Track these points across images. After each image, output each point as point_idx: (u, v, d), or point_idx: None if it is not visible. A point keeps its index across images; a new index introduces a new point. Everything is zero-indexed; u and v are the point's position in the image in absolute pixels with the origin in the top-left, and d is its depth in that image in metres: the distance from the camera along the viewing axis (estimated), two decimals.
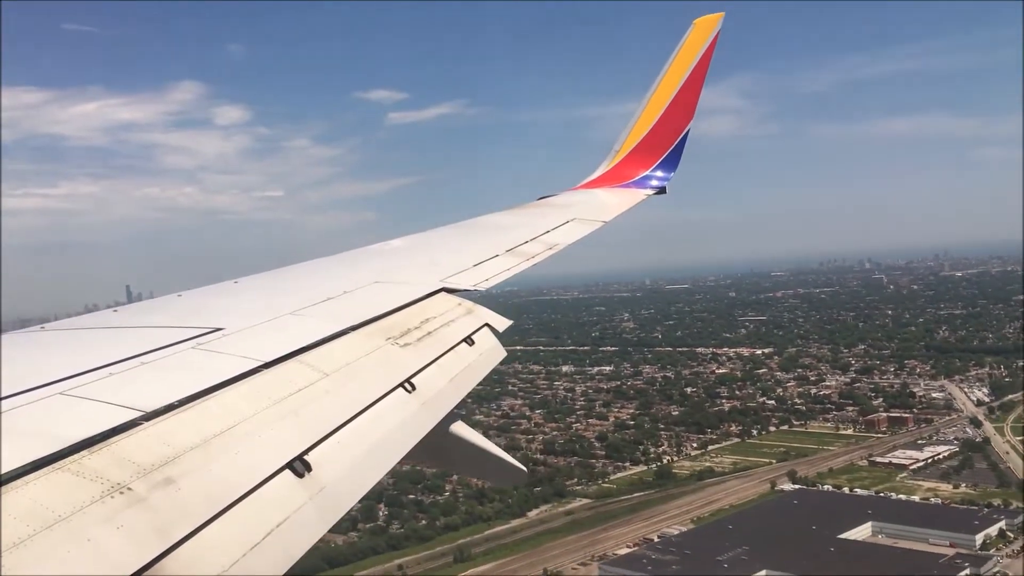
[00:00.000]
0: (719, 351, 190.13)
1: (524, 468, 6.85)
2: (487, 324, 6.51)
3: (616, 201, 12.56)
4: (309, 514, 3.58)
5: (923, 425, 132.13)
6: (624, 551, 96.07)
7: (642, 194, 13.09)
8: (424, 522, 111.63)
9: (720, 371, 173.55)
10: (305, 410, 4.22)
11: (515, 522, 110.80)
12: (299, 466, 3.75)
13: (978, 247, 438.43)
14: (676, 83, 13.11)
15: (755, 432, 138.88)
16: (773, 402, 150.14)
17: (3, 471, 2.96)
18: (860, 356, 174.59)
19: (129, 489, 3.10)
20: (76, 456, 3.17)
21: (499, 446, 6.98)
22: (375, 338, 5.44)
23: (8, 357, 4.38)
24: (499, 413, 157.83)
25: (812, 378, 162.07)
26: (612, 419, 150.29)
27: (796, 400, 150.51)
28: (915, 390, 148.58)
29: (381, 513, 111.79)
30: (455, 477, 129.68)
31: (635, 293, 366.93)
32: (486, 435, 6.75)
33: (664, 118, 13.28)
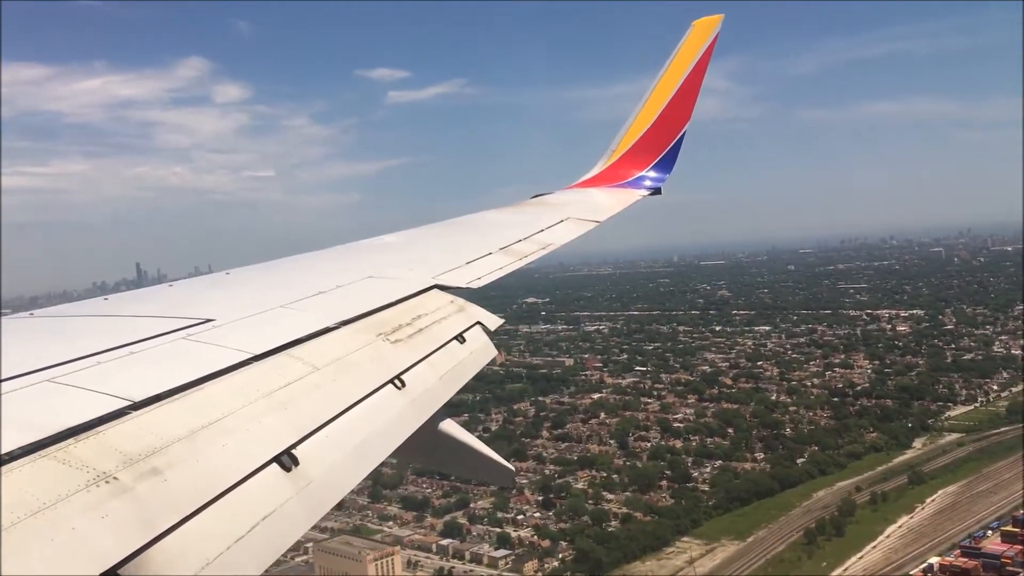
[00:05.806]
0: (870, 313, 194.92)
1: (512, 467, 6.81)
2: (479, 322, 6.45)
3: (611, 201, 12.49)
4: (295, 508, 3.56)
5: None
6: None
7: (637, 195, 13.00)
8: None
9: (899, 328, 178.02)
10: (294, 404, 4.20)
11: (909, 453, 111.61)
12: (287, 460, 3.73)
13: (991, 227, 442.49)
14: (674, 84, 13.01)
15: None
16: (1020, 352, 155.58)
17: None
18: None
19: (115, 479, 3.07)
20: (62, 444, 3.15)
21: (777, 392, 6.12)
22: (366, 333, 5.41)
23: None
24: (725, 364, 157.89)
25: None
26: (857, 367, 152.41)
27: None
28: None
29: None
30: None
31: (679, 268, 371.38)
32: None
33: (661, 119, 13.18)
